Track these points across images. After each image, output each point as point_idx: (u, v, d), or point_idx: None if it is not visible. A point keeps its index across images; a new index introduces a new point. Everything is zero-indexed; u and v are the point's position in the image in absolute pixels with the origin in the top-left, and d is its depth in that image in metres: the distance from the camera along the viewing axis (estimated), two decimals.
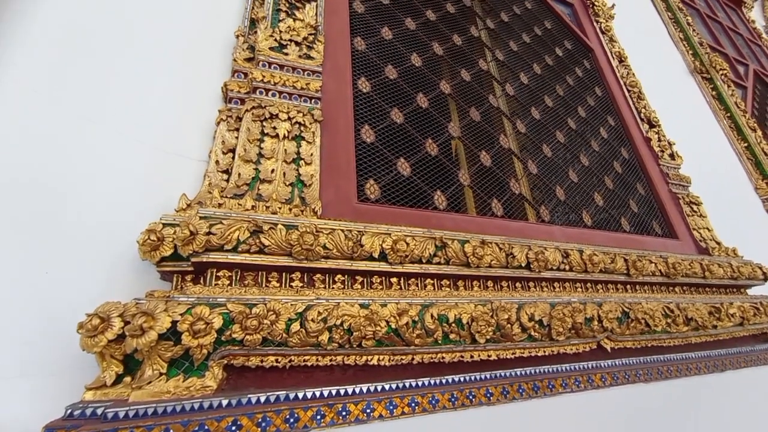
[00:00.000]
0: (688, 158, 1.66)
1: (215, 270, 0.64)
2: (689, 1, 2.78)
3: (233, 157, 0.78)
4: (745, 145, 2.07)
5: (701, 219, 1.47)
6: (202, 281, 0.64)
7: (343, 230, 0.73)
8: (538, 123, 1.35)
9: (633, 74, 1.75)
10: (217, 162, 0.77)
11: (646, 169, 1.49)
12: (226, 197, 0.71)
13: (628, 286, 1.10)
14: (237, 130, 0.81)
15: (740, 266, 1.32)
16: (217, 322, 0.55)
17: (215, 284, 0.63)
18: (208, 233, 0.62)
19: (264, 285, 0.67)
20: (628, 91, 1.68)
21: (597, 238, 1.16)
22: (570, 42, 1.73)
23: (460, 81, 1.24)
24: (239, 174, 0.75)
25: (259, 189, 0.75)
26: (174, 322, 0.53)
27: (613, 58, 1.76)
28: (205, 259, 0.61)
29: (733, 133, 2.09)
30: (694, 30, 2.45)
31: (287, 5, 0.99)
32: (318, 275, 0.72)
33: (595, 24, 1.85)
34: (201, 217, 0.63)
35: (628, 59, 1.81)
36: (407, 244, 0.76)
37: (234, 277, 0.65)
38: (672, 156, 1.58)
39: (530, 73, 1.47)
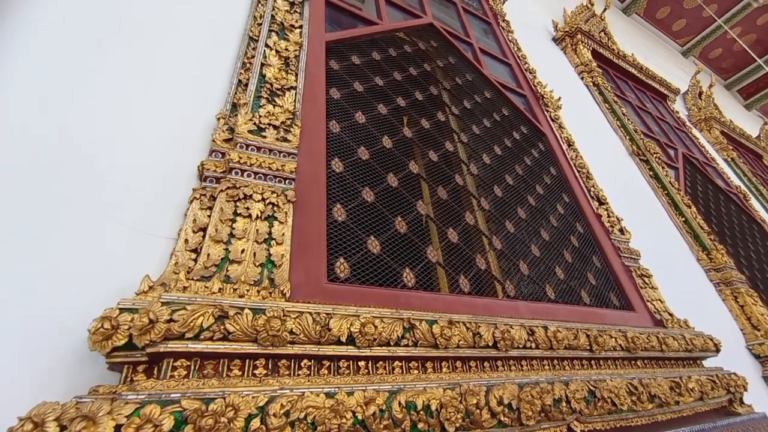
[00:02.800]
0: (636, 233, 1.81)
1: (172, 360, 0.60)
2: (622, 95, 3.24)
3: (204, 236, 0.78)
4: (683, 219, 2.30)
5: (653, 291, 1.56)
6: (156, 372, 0.60)
7: (311, 313, 0.72)
8: (501, 200, 1.45)
9: (581, 157, 1.96)
10: (186, 241, 0.77)
11: (600, 243, 1.61)
12: (193, 279, 0.69)
13: (593, 362, 1.13)
14: (210, 209, 0.82)
15: (693, 338, 1.39)
16: (167, 424, 0.51)
17: (171, 376, 0.59)
18: (170, 320, 0.60)
19: (225, 374, 0.63)
20: (578, 171, 1.86)
21: (560, 312, 1.20)
22: (525, 127, 1.94)
23: (428, 161, 1.34)
24: (208, 254, 0.75)
25: (227, 270, 0.74)
26: (118, 426, 0.49)
27: (563, 142, 1.97)
28: (162, 349, 0.58)
29: (672, 209, 2.32)
30: (628, 119, 2.81)
31: (268, 93, 1.07)
32: (283, 361, 0.69)
33: (545, 112, 2.10)
34: (163, 303, 0.61)
35: (575, 143, 2.03)
36: (375, 326, 0.76)
37: (192, 367, 0.62)
38: (621, 231, 1.72)
39: (492, 155, 1.61)
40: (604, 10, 4.01)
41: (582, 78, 3.05)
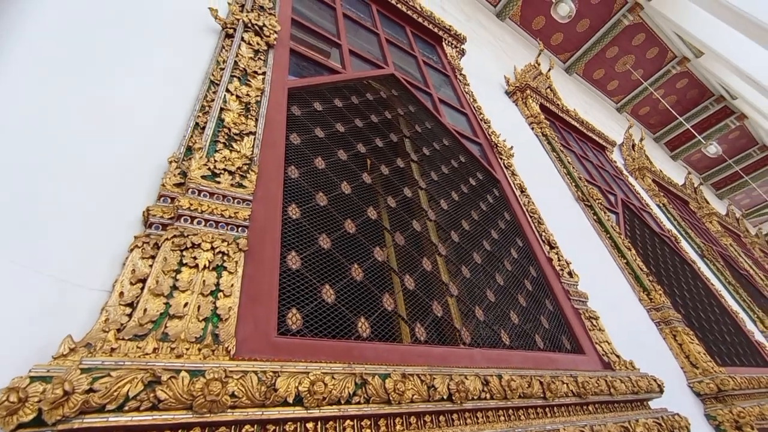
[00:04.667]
0: (583, 275, 1.92)
1: None
2: (567, 145, 3.54)
3: (142, 289, 0.73)
4: (625, 261, 2.47)
5: (601, 333, 1.64)
6: None
7: (256, 372, 0.68)
8: (458, 246, 1.49)
9: (533, 202, 2.08)
10: (121, 294, 0.71)
11: (552, 286, 1.68)
12: (123, 339, 0.64)
13: (547, 409, 1.13)
14: (153, 258, 0.78)
15: (638, 380, 1.45)
16: None
17: None
18: (89, 390, 0.54)
19: None
20: (530, 216, 1.97)
21: (515, 358, 1.22)
22: (481, 173, 2.05)
23: (387, 207, 1.37)
24: (145, 309, 0.69)
25: (166, 327, 0.69)
26: None
27: (516, 188, 2.09)
28: (77, 426, 0.52)
29: (615, 251, 2.49)
30: (573, 167, 3.06)
31: (226, 137, 1.06)
32: (222, 429, 0.64)
33: (500, 160, 2.23)
34: (83, 369, 0.55)
35: (527, 190, 2.17)
36: (325, 384, 0.73)
37: None
38: (570, 274, 1.82)
39: (450, 200, 1.67)
40: (549, 69, 4.47)
41: (532, 128, 3.32)
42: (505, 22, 5.53)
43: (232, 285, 0.80)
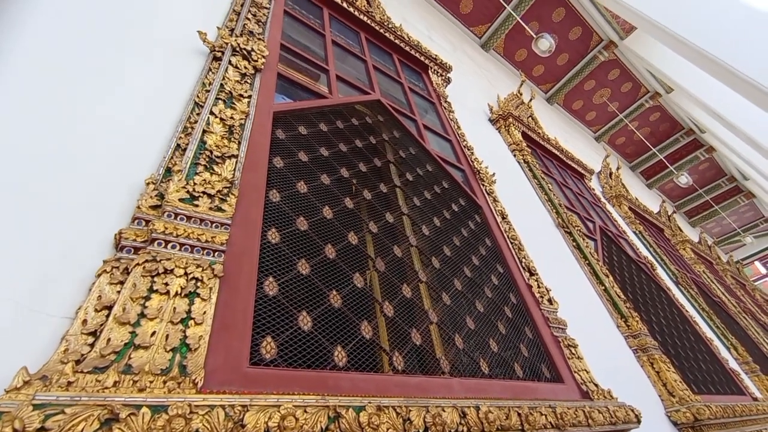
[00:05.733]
0: (562, 301, 1.94)
1: None
2: (548, 173, 3.65)
3: (107, 317, 0.70)
4: (603, 288, 2.52)
5: (579, 361, 1.64)
6: None
7: (224, 407, 0.65)
8: (439, 272, 1.50)
9: (513, 229, 2.12)
10: (84, 322, 0.68)
11: (531, 313, 1.69)
12: (82, 372, 0.60)
13: None
14: (121, 284, 0.75)
15: (616, 410, 1.45)
16: None
17: None
18: (41, 429, 0.50)
19: None
20: (511, 243, 2.00)
21: (494, 388, 1.20)
22: (464, 199, 2.08)
23: (368, 232, 1.37)
24: (108, 339, 0.66)
25: (130, 358, 0.66)
26: None
27: (497, 214, 2.13)
28: None
29: (593, 278, 2.54)
30: (554, 194, 3.15)
31: (207, 159, 1.06)
32: None
33: (482, 187, 2.28)
34: (35, 405, 0.52)
35: (508, 216, 2.21)
36: (297, 419, 0.70)
37: None
38: (550, 301, 1.83)
39: (431, 226, 1.69)
40: (531, 99, 4.66)
41: (515, 155, 3.42)
42: (489, 53, 5.78)
43: (204, 312, 0.78)
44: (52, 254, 0.76)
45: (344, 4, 2.73)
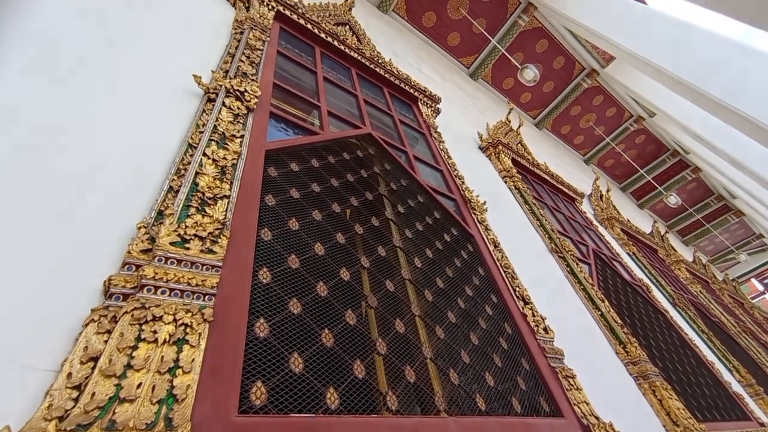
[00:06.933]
0: (558, 329, 1.92)
1: None
2: (539, 198, 3.71)
3: (93, 369, 0.69)
4: (599, 313, 2.50)
5: (578, 392, 1.61)
6: None
7: None
8: (432, 305, 1.49)
9: (506, 257, 2.13)
10: (69, 375, 0.67)
11: (527, 344, 1.67)
12: (65, 430, 0.59)
13: None
14: (109, 332, 0.74)
15: None
16: None
17: None
18: None
19: None
20: (504, 271, 2.01)
21: (491, 427, 1.18)
22: (456, 229, 2.10)
23: (361, 267, 1.37)
24: (93, 393, 0.65)
25: (114, 413, 0.64)
26: None
27: (489, 243, 2.15)
28: None
29: (589, 303, 2.53)
30: (546, 219, 3.18)
31: (199, 201, 1.07)
32: None
33: (473, 215, 2.31)
34: None
35: (501, 244, 2.22)
36: None
37: None
38: (546, 330, 1.82)
39: (424, 257, 1.70)
40: (519, 126, 4.79)
41: (505, 182, 3.48)
42: (478, 82, 5.99)
43: (192, 360, 0.77)
44: (39, 303, 0.76)
45: (335, 43, 2.85)
